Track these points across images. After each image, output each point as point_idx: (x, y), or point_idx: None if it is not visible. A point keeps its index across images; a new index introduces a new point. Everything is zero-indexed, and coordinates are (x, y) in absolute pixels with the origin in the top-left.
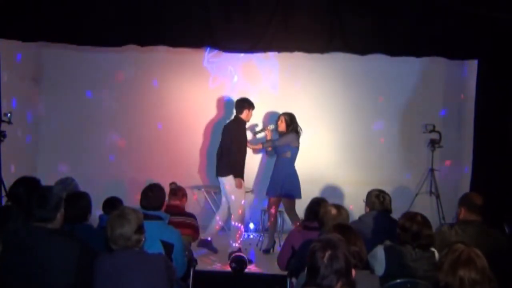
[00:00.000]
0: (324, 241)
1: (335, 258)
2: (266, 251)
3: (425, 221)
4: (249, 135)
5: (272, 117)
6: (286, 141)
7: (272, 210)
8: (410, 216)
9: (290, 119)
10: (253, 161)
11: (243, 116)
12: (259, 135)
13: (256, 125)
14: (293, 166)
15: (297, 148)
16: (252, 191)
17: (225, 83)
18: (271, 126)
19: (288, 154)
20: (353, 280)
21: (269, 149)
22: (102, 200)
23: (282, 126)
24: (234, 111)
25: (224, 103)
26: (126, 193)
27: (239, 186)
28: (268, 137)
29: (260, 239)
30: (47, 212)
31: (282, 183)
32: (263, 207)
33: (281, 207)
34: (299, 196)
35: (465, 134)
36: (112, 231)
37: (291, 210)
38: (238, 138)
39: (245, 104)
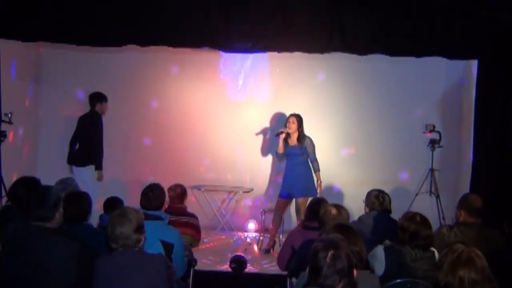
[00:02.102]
0: (327, 241)
1: (337, 258)
2: (267, 251)
3: (424, 221)
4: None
5: (272, 117)
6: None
7: (280, 212)
8: (409, 216)
9: (300, 120)
10: (264, 163)
11: (97, 109)
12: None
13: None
14: (309, 166)
15: None
16: (251, 191)
17: (227, 84)
18: (287, 129)
19: (306, 156)
20: (354, 280)
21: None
22: (103, 200)
23: (293, 127)
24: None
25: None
26: (126, 194)
27: (101, 178)
28: (282, 139)
29: (260, 239)
30: (46, 211)
31: (302, 183)
32: (263, 207)
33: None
34: (316, 194)
35: (465, 134)
36: (112, 230)
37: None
38: (99, 131)
39: (97, 98)
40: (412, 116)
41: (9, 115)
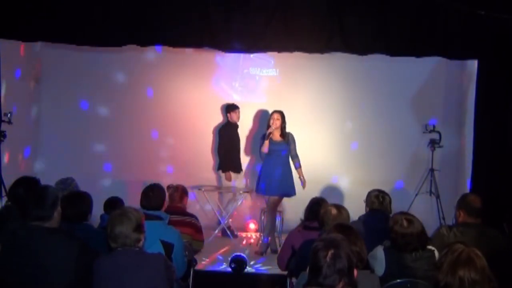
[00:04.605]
0: (327, 240)
1: (337, 257)
2: (275, 251)
3: (410, 223)
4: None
5: None
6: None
7: (276, 210)
8: (398, 223)
9: (283, 117)
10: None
11: (229, 118)
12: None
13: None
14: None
15: None
16: (250, 192)
17: (228, 84)
18: (272, 128)
19: (288, 153)
20: (355, 280)
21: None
22: (103, 200)
23: (277, 124)
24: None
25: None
26: (126, 194)
27: (228, 179)
28: (268, 139)
29: (261, 239)
30: (44, 211)
31: (288, 181)
32: (263, 207)
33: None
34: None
35: (465, 134)
36: (111, 229)
37: (278, 208)
38: (229, 138)
39: (226, 108)
40: (412, 115)
41: (9, 115)
